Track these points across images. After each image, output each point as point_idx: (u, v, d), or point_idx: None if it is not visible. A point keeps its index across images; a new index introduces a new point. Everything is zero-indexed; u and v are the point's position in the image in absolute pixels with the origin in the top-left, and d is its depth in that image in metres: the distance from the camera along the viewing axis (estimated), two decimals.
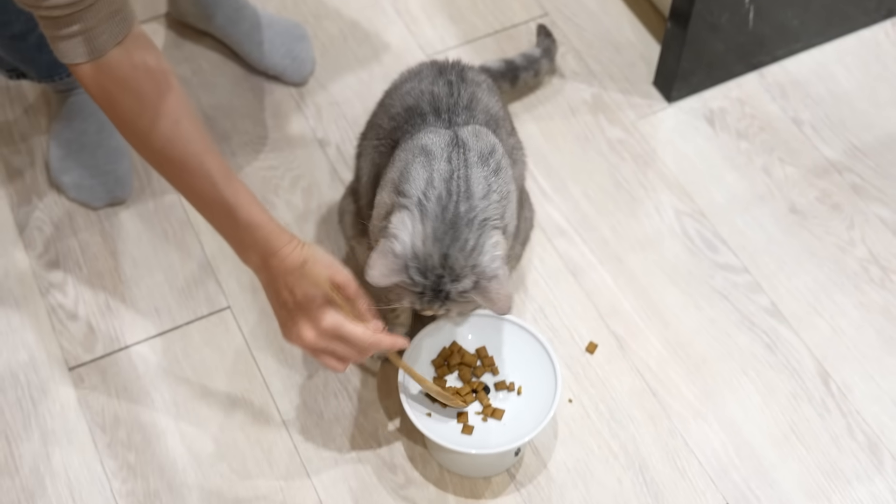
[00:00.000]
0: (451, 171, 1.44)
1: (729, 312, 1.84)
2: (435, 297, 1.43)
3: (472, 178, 1.45)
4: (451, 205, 1.42)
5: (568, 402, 1.75)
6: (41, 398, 1.75)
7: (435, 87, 1.57)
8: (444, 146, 1.48)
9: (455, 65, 1.64)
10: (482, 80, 1.64)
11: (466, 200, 1.43)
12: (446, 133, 1.50)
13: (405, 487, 1.66)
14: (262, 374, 1.77)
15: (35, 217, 1.94)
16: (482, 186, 1.45)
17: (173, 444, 1.70)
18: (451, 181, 1.43)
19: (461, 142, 1.48)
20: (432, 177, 1.44)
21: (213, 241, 1.92)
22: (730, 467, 1.69)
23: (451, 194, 1.42)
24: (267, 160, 2.02)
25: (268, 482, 1.67)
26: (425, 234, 1.41)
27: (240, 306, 1.84)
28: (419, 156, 1.47)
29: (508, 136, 1.63)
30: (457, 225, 1.42)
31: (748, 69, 2.14)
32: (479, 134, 1.51)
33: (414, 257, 1.41)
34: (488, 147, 1.50)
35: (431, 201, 1.42)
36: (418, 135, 1.51)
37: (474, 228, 1.42)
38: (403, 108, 1.58)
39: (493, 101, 1.61)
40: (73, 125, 1.94)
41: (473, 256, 1.42)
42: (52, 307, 1.84)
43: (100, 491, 1.66)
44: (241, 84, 2.12)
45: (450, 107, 1.54)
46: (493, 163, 1.49)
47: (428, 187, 1.43)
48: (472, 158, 1.47)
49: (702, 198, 1.97)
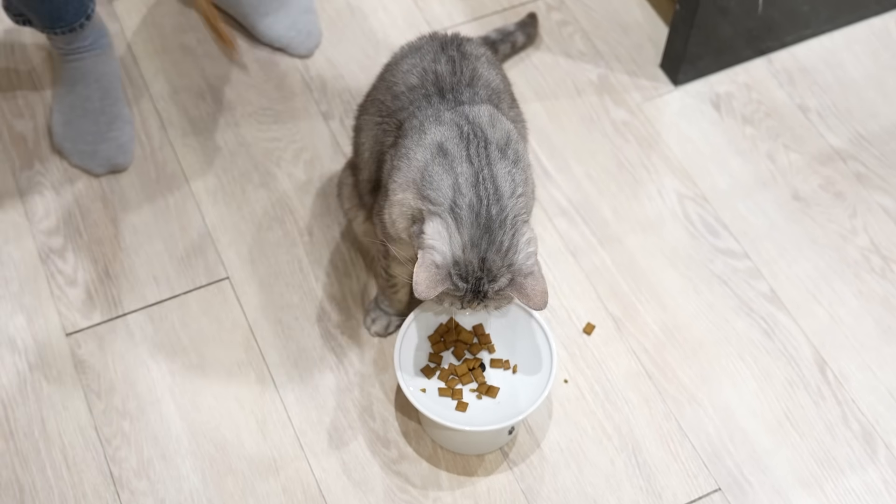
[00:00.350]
0: (476, 173, 1.44)
1: (728, 297, 1.84)
2: (474, 297, 1.46)
3: (497, 178, 1.45)
4: (483, 209, 1.43)
5: (563, 382, 1.75)
6: (38, 363, 1.75)
7: (437, 66, 1.56)
8: (459, 141, 1.47)
9: (454, 39, 1.63)
10: (481, 54, 1.63)
11: (497, 202, 1.44)
12: (456, 120, 1.49)
13: (398, 462, 1.67)
14: (259, 346, 1.77)
15: (37, 182, 1.94)
16: (509, 184, 1.46)
17: (168, 412, 1.71)
18: (478, 185, 1.44)
19: (477, 132, 1.48)
20: (458, 182, 1.44)
21: (213, 211, 1.91)
22: (723, 452, 1.69)
23: (481, 199, 1.43)
24: (270, 132, 2.02)
25: (261, 453, 1.67)
26: (463, 241, 1.43)
27: (238, 277, 1.84)
28: (438, 156, 1.46)
29: (509, 108, 1.63)
30: (491, 228, 1.43)
31: (756, 54, 2.13)
32: (493, 120, 1.51)
33: (455, 265, 1.43)
34: (504, 136, 1.49)
35: (463, 209, 1.43)
36: (430, 127, 1.49)
37: (507, 228, 1.44)
38: (407, 86, 1.57)
39: (493, 74, 1.61)
40: (76, 90, 1.94)
41: (509, 256, 1.44)
42: (52, 273, 1.84)
43: (94, 457, 1.67)
44: (247, 55, 2.11)
45: (453, 86, 1.54)
46: (511, 154, 1.48)
47: (457, 195, 1.44)
48: (493, 154, 1.47)
49: (705, 182, 1.97)
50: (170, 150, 1.98)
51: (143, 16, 2.17)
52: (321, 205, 1.92)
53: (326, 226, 1.90)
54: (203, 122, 2.02)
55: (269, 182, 1.95)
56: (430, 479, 1.65)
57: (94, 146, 1.93)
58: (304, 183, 1.95)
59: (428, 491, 1.64)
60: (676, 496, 1.65)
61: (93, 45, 1.92)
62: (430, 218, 1.44)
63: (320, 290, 1.83)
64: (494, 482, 1.65)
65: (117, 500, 1.63)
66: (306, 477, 1.65)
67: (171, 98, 2.05)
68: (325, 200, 1.93)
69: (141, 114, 2.03)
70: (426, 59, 1.58)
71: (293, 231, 1.89)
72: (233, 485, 1.64)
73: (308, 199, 1.93)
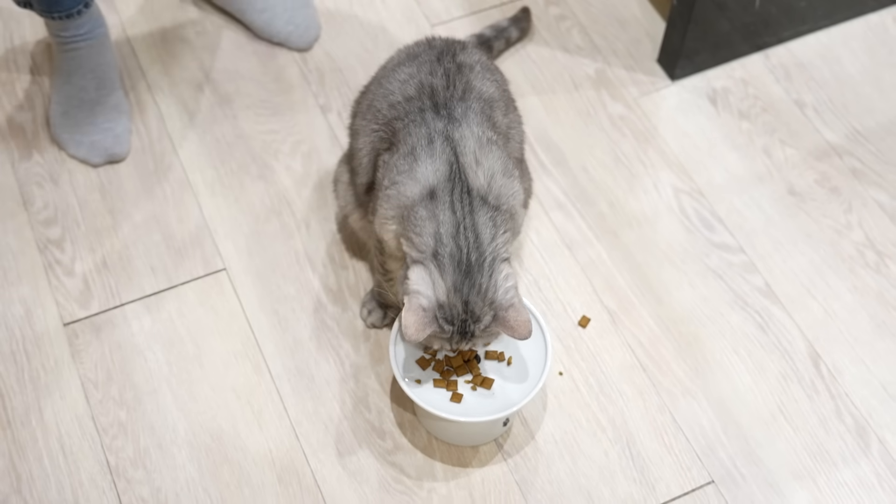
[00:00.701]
0: (457, 222, 1.50)
1: (723, 291, 1.84)
2: (462, 338, 1.51)
3: (478, 225, 1.51)
4: (464, 257, 1.49)
5: (558, 374, 1.76)
6: (35, 352, 1.76)
7: (434, 79, 1.60)
8: (446, 183, 1.51)
9: (450, 48, 1.65)
10: (475, 62, 1.65)
11: (476, 249, 1.49)
12: (447, 157, 1.52)
13: (393, 453, 1.67)
14: (255, 337, 1.78)
15: (35, 173, 1.95)
16: (489, 230, 1.51)
17: (164, 402, 1.71)
18: (458, 236, 1.49)
19: (462, 175, 1.51)
20: (440, 232, 1.50)
21: (211, 202, 1.92)
22: (716, 445, 1.70)
23: (461, 249, 1.49)
24: (268, 124, 2.02)
25: (257, 443, 1.68)
26: (446, 287, 1.49)
27: (235, 268, 1.85)
28: (426, 199, 1.51)
29: (504, 115, 1.64)
30: (471, 273, 1.49)
31: (753, 50, 2.13)
32: (480, 157, 1.53)
33: (440, 308, 1.49)
34: (486, 180, 1.53)
35: (445, 257, 1.49)
36: (422, 158, 1.52)
37: (486, 271, 1.49)
38: (404, 97, 1.60)
39: (486, 84, 1.62)
40: (72, 81, 1.95)
41: (490, 295, 1.50)
42: (49, 263, 1.85)
43: (90, 446, 1.67)
44: (245, 48, 2.12)
45: (447, 100, 1.58)
46: (492, 199, 1.52)
47: (438, 244, 1.49)
48: (475, 202, 1.51)
49: (701, 176, 1.97)
50: (167, 142, 1.99)
51: (141, 8, 2.18)
52: (318, 197, 1.93)
53: (323, 218, 1.90)
54: (201, 114, 2.03)
55: (267, 174, 1.96)
56: (424, 470, 1.66)
57: (90, 137, 1.94)
58: (301, 175, 1.96)
59: (423, 482, 1.65)
60: (670, 488, 1.66)
61: (89, 34, 1.92)
62: (413, 266, 1.50)
63: (317, 282, 1.84)
64: (489, 473, 1.66)
65: (113, 488, 1.64)
66: (302, 467, 1.66)
67: (169, 90, 2.06)
68: (322, 193, 1.93)
69: (139, 105, 2.04)
70: (423, 71, 1.61)
71: (290, 223, 1.90)
72: (228, 475, 1.65)
73: (305, 192, 1.94)
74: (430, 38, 1.70)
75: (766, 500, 1.65)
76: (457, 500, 1.63)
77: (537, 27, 2.16)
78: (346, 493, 1.64)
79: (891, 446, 1.70)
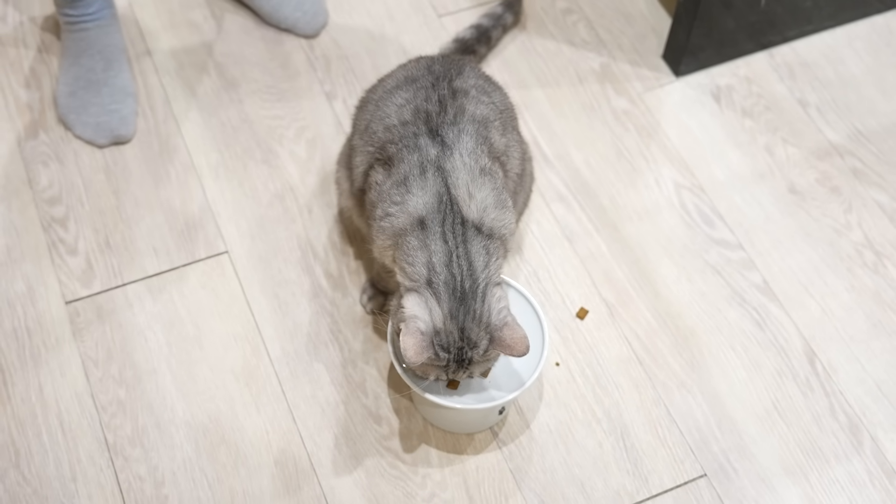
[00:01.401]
0: (450, 251, 1.51)
1: (721, 287, 1.86)
2: (459, 366, 1.52)
3: (471, 255, 1.52)
4: (458, 285, 1.50)
5: (555, 365, 1.77)
6: (37, 330, 1.77)
7: (428, 105, 1.61)
8: (436, 214, 1.52)
9: (447, 73, 1.65)
10: (471, 87, 1.65)
11: (470, 277, 1.51)
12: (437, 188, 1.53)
13: (389, 439, 1.69)
14: (256, 320, 1.79)
15: (41, 152, 1.96)
16: (482, 258, 1.52)
17: (164, 382, 1.73)
18: (451, 264, 1.51)
19: (454, 206, 1.52)
20: (432, 261, 1.51)
21: (214, 186, 1.93)
22: (710, 439, 1.71)
23: (455, 276, 1.50)
24: (274, 109, 2.03)
25: (254, 425, 1.69)
26: (443, 314, 1.50)
27: (237, 252, 1.86)
28: (416, 228, 1.52)
29: (501, 135, 1.65)
30: (465, 300, 1.50)
31: (758, 48, 2.14)
32: (472, 189, 1.54)
33: (436, 334, 1.50)
34: (479, 211, 1.54)
35: (440, 285, 1.50)
36: (414, 188, 1.54)
37: (479, 297, 1.51)
38: (400, 121, 1.61)
39: (480, 107, 1.63)
40: (80, 62, 1.96)
41: (485, 320, 1.51)
42: (53, 242, 1.86)
43: (89, 424, 1.69)
44: (253, 33, 2.13)
45: (439, 125, 1.59)
46: (485, 229, 1.54)
47: (431, 273, 1.50)
48: (468, 234, 1.53)
49: (702, 173, 1.98)
50: (173, 124, 2.00)
51: None
52: (321, 183, 1.94)
53: (326, 204, 1.92)
54: (207, 98, 2.04)
55: (271, 159, 1.97)
56: (419, 456, 1.67)
57: (96, 118, 1.95)
58: (305, 161, 1.97)
59: (417, 467, 1.66)
60: (663, 480, 1.67)
61: (97, 15, 1.93)
62: (408, 294, 1.52)
63: (318, 267, 1.85)
64: (483, 461, 1.67)
65: (111, 466, 1.65)
66: (298, 450, 1.67)
67: (176, 73, 2.07)
68: (325, 179, 1.94)
69: (146, 88, 2.05)
70: (419, 97, 1.62)
71: (293, 208, 1.91)
72: (225, 455, 1.67)
73: (309, 178, 1.95)
74: (429, 62, 1.70)
75: (758, 494, 1.66)
76: (451, 487, 1.65)
77: (544, 20, 2.17)
78: (342, 477, 1.65)
79: (883, 445, 1.71)
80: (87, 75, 1.96)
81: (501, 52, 2.12)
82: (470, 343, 1.50)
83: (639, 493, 1.65)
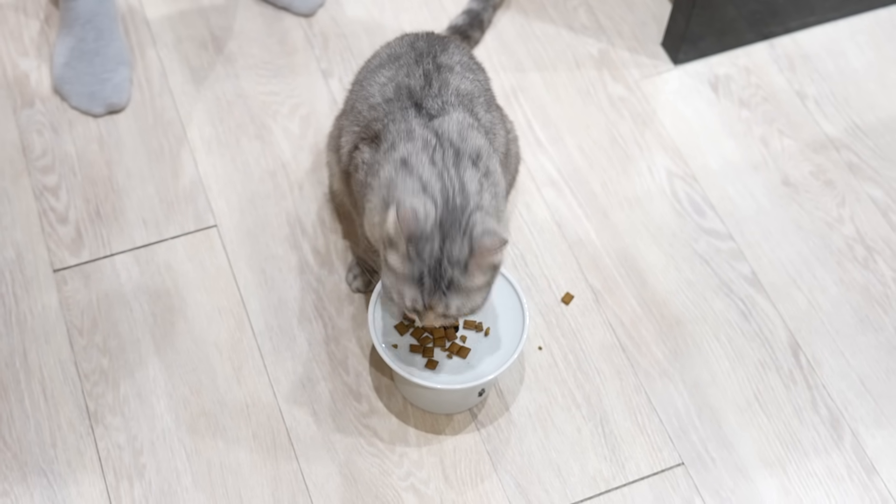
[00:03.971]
0: (440, 172, 1.48)
1: (708, 277, 1.85)
2: (435, 286, 1.46)
3: (464, 178, 1.49)
4: (451, 197, 1.46)
5: (537, 349, 1.77)
6: (24, 296, 1.78)
7: (411, 80, 1.60)
8: (421, 152, 1.50)
9: (431, 49, 1.65)
10: (456, 63, 1.65)
11: (461, 194, 1.47)
12: (424, 135, 1.52)
13: (368, 416, 1.69)
14: (241, 294, 1.80)
15: (36, 121, 1.97)
16: (475, 185, 1.49)
17: (146, 353, 1.74)
18: (443, 178, 1.48)
19: (444, 143, 1.51)
20: (424, 178, 1.48)
21: (207, 159, 1.94)
22: (689, 428, 1.70)
23: (447, 189, 1.47)
24: (269, 85, 2.04)
25: (235, 398, 1.70)
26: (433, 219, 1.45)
27: (226, 226, 1.87)
28: (401, 169, 1.50)
29: (486, 111, 1.65)
30: (454, 213, 1.45)
31: (759, 38, 2.13)
32: (463, 134, 1.54)
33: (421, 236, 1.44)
34: (475, 150, 1.53)
35: (437, 193, 1.46)
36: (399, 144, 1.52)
37: (467, 215, 1.46)
38: (384, 99, 1.61)
39: (465, 82, 1.63)
40: (73, 32, 1.97)
41: (468, 232, 1.46)
42: (44, 209, 1.87)
43: (71, 391, 1.70)
44: (252, 9, 2.13)
45: (423, 98, 1.57)
46: (482, 167, 1.52)
47: (426, 185, 1.47)
48: (463, 162, 1.50)
49: (696, 162, 1.98)
50: (168, 97, 2.01)
51: None
52: (313, 161, 1.94)
53: (317, 181, 1.92)
54: (203, 72, 2.05)
55: (264, 135, 1.98)
56: (398, 435, 1.68)
57: (90, 87, 1.96)
58: (298, 138, 1.97)
59: (395, 446, 1.67)
60: (640, 467, 1.67)
61: None
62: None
63: (305, 244, 1.85)
64: (461, 442, 1.68)
65: (91, 433, 1.66)
66: (277, 424, 1.68)
67: (174, 46, 2.08)
68: (317, 157, 1.95)
69: (143, 60, 2.05)
70: (401, 74, 1.61)
71: (284, 184, 1.92)
72: (204, 427, 1.68)
73: (301, 155, 1.95)
74: (413, 39, 1.70)
75: (735, 485, 1.66)
76: (427, 466, 1.65)
77: (544, 4, 2.17)
78: (319, 452, 1.66)
79: (863, 440, 1.70)
80: (80, 45, 1.97)
81: (500, 34, 2.12)
82: (451, 259, 1.45)
83: (615, 479, 1.66)
